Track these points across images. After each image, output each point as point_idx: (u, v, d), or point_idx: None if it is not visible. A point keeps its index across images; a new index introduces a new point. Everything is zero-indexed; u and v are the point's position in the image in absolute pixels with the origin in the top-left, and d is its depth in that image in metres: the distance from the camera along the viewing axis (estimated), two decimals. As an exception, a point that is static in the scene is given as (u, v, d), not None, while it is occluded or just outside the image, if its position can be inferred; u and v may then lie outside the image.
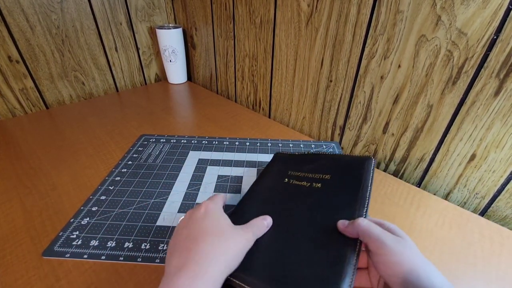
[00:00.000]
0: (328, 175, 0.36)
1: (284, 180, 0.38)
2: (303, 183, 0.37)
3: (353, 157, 0.38)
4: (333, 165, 0.38)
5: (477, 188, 0.45)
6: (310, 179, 0.37)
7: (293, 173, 0.39)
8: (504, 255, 0.37)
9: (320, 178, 0.36)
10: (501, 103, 0.38)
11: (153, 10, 0.86)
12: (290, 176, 0.39)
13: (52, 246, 0.36)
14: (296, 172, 0.39)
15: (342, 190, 0.34)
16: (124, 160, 0.54)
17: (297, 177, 0.38)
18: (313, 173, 0.37)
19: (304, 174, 0.38)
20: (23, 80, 0.69)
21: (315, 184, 0.36)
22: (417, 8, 0.41)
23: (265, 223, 0.31)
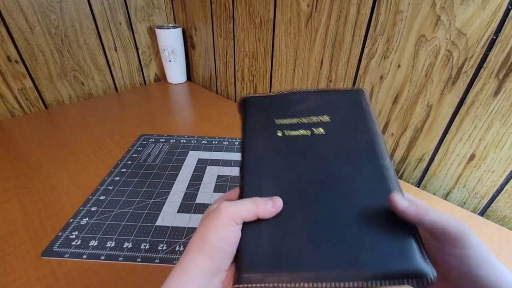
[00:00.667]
0: (326, 116, 0.29)
1: (277, 133, 0.29)
2: (301, 131, 0.29)
3: (342, 91, 0.32)
4: (326, 104, 0.31)
5: (476, 188, 0.45)
6: (307, 125, 0.29)
7: (282, 121, 0.30)
8: (503, 255, 0.37)
9: (318, 121, 0.29)
10: (500, 103, 0.38)
11: (152, 10, 0.86)
12: (281, 126, 0.30)
13: (51, 247, 0.36)
14: (285, 119, 0.30)
15: (351, 132, 0.28)
16: (123, 160, 0.54)
17: (290, 126, 0.30)
18: (306, 117, 0.30)
19: (297, 120, 0.30)
20: (22, 80, 0.69)
21: (316, 129, 0.28)
22: (416, 8, 0.41)
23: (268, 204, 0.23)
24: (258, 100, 0.33)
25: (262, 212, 0.23)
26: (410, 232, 0.21)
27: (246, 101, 0.33)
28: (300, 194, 0.25)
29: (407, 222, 0.21)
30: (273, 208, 0.23)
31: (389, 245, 0.20)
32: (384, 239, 0.21)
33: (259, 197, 0.24)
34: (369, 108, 0.30)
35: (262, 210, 0.23)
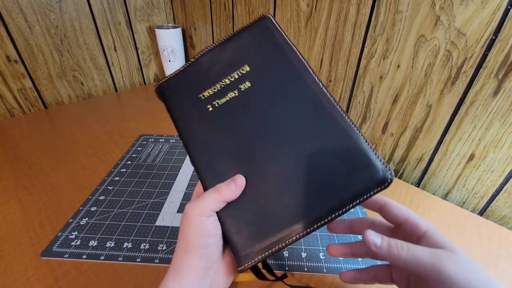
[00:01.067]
0: (246, 66, 0.27)
1: (208, 109, 0.27)
2: (230, 94, 0.26)
3: (246, 29, 0.28)
4: (238, 51, 0.28)
5: (476, 188, 0.45)
6: (232, 85, 0.27)
7: (207, 93, 0.27)
8: (503, 255, 0.37)
9: (240, 75, 0.27)
10: (500, 103, 0.38)
11: (152, 10, 0.86)
12: (208, 99, 0.27)
13: (51, 247, 0.36)
14: (209, 89, 0.27)
15: (275, 72, 0.26)
16: (123, 160, 0.54)
17: (216, 95, 0.27)
18: (227, 76, 0.27)
19: (220, 84, 0.27)
20: (22, 80, 0.68)
21: (242, 85, 0.26)
22: (416, 8, 0.41)
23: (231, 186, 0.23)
24: (172, 83, 0.29)
25: (228, 196, 0.23)
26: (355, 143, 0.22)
27: (161, 89, 0.30)
28: (255, 160, 0.24)
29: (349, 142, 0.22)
30: (237, 188, 0.23)
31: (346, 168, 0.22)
32: (340, 165, 0.22)
33: (221, 183, 0.24)
34: (281, 35, 0.27)
35: (227, 194, 0.23)
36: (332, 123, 0.23)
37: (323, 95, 0.24)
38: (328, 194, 0.22)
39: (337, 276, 0.34)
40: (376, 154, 0.22)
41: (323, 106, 0.24)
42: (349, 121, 0.23)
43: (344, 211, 0.22)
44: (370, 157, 0.21)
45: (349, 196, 0.21)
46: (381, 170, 0.21)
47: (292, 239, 0.22)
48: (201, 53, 0.29)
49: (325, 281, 0.33)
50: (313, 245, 0.37)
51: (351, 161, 0.22)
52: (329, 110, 0.23)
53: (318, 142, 0.23)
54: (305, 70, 0.25)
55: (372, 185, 0.21)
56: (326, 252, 0.30)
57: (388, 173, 0.21)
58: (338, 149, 0.22)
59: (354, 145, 0.22)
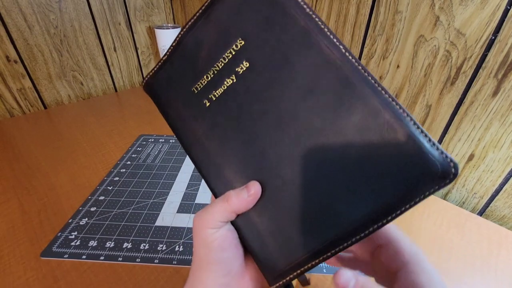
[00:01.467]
0: (238, 40, 0.21)
1: (204, 104, 0.22)
2: (226, 82, 0.21)
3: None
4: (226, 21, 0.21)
5: (475, 188, 0.45)
6: (227, 69, 0.21)
7: (199, 85, 0.22)
8: (502, 255, 0.37)
9: (234, 54, 0.21)
10: (499, 103, 0.38)
11: (152, 10, 0.86)
12: (202, 92, 0.22)
13: (51, 247, 0.36)
14: (201, 80, 0.22)
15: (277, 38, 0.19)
16: (122, 160, 0.54)
17: (211, 85, 0.22)
18: (219, 58, 0.21)
19: (213, 70, 0.22)
20: (21, 80, 0.68)
21: (239, 67, 0.21)
22: (415, 8, 0.41)
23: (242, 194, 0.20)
24: (159, 77, 0.24)
25: (238, 206, 0.19)
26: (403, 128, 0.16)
27: (149, 87, 0.25)
28: (271, 161, 0.20)
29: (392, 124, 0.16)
30: (250, 197, 0.19)
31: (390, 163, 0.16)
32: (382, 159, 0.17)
33: (232, 190, 0.20)
34: None
35: (237, 204, 0.19)
36: (363, 101, 0.17)
37: (345, 62, 0.17)
38: (369, 198, 0.17)
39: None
40: (431, 140, 0.16)
41: (346, 78, 0.17)
42: (387, 96, 0.16)
43: (389, 219, 0.17)
44: (421, 146, 0.16)
45: (395, 199, 0.16)
46: (439, 161, 0.15)
47: (328, 255, 0.18)
48: (182, 33, 0.22)
49: (325, 281, 0.33)
50: (312, 245, 0.38)
51: (396, 152, 0.16)
52: (355, 83, 0.17)
53: (347, 130, 0.17)
54: (314, 29, 0.18)
55: (428, 182, 0.16)
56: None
57: (450, 164, 0.15)
58: (375, 138, 0.17)
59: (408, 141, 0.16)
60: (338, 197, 0.18)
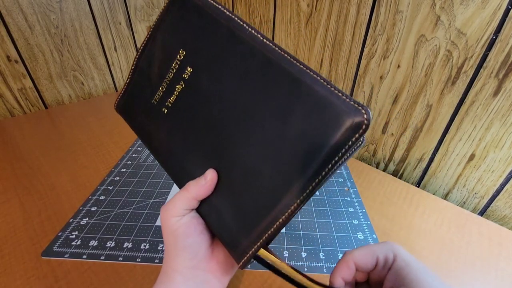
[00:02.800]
0: (180, 51, 0.24)
1: (163, 112, 0.25)
2: (177, 88, 0.24)
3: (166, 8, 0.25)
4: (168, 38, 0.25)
5: (476, 188, 0.45)
6: (176, 78, 0.24)
7: (157, 96, 0.25)
8: (502, 255, 0.37)
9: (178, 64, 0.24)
10: (500, 103, 0.38)
11: (152, 10, 0.86)
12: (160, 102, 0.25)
13: (51, 247, 0.36)
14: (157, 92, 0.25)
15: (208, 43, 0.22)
16: (123, 160, 0.54)
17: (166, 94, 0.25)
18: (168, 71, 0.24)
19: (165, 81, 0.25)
20: (22, 80, 0.68)
21: (185, 73, 0.24)
22: (416, 8, 0.41)
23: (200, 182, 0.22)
24: (124, 100, 0.28)
25: (197, 193, 0.22)
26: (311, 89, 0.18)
27: (119, 109, 0.29)
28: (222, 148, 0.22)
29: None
30: (207, 183, 0.21)
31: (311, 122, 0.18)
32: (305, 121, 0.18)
33: (191, 181, 0.22)
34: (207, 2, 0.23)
35: (196, 190, 0.21)
36: (282, 74, 0.19)
37: (264, 47, 0.20)
38: (303, 161, 0.18)
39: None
40: (343, 94, 0.17)
41: (267, 59, 0.20)
42: (301, 65, 0.19)
43: (324, 174, 0.18)
44: (332, 100, 0.17)
45: (323, 155, 0.18)
46: (351, 111, 0.17)
47: (280, 222, 0.19)
48: (136, 57, 0.26)
49: (325, 280, 0.33)
50: (313, 245, 0.37)
51: (314, 111, 0.18)
52: (275, 62, 0.19)
53: (275, 102, 0.19)
54: (235, 27, 0.21)
55: (346, 132, 0.17)
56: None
57: (361, 112, 0.17)
58: (296, 103, 0.19)
59: (310, 91, 0.18)
60: (280, 167, 0.19)
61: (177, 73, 0.24)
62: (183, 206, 0.22)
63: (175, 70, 0.24)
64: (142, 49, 0.26)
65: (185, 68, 0.24)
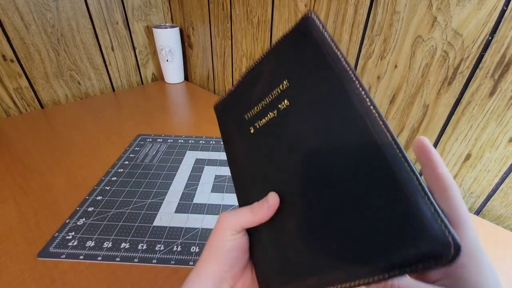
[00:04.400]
0: (285, 81, 0.23)
1: (250, 131, 0.26)
2: (269, 115, 0.24)
3: (288, 35, 0.24)
4: (278, 65, 0.24)
5: (472, 187, 0.45)
6: (272, 104, 0.24)
7: (250, 114, 0.26)
8: (498, 254, 0.37)
9: (279, 93, 0.24)
10: (496, 103, 0.39)
11: (149, 9, 0.86)
12: (251, 120, 0.26)
13: (48, 247, 0.36)
14: (252, 110, 0.26)
15: (315, 85, 0.21)
16: (120, 160, 0.53)
17: (258, 115, 0.25)
18: (268, 94, 0.24)
19: (261, 104, 0.25)
20: (18, 79, 0.68)
21: (281, 104, 0.23)
22: (413, 9, 0.41)
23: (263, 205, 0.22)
24: (224, 104, 0.29)
25: (259, 217, 0.22)
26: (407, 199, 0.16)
27: (216, 111, 0.30)
28: (287, 194, 0.22)
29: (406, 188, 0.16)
30: (268, 209, 0.22)
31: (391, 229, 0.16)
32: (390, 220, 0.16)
33: (256, 203, 0.23)
34: (323, 37, 0.21)
35: (259, 214, 0.22)
36: (380, 164, 0.17)
37: (372, 120, 0.18)
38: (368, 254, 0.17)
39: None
40: (438, 215, 0.15)
41: (370, 136, 0.18)
42: (406, 164, 0.16)
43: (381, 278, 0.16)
44: (423, 222, 0.15)
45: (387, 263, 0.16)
46: (439, 238, 0.14)
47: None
48: (246, 72, 0.27)
49: None
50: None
51: (400, 221, 0.16)
52: (378, 144, 0.17)
53: (361, 186, 0.18)
54: (347, 80, 0.19)
55: (422, 257, 0.15)
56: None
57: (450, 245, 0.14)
58: (385, 204, 0.16)
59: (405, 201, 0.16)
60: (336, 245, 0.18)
61: (274, 100, 0.24)
62: (243, 223, 0.23)
63: (274, 97, 0.24)
64: (254, 66, 0.26)
65: (283, 99, 0.23)
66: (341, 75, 0.20)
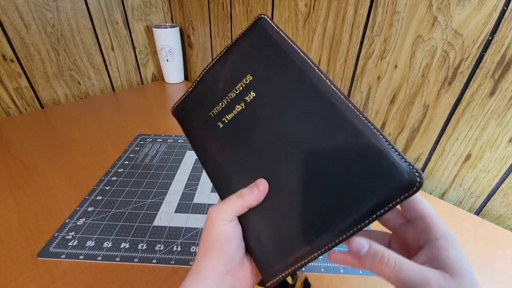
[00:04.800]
0: (248, 76, 0.25)
1: (218, 125, 0.27)
2: (237, 108, 0.26)
3: (243, 35, 0.27)
4: (239, 62, 0.26)
5: (472, 187, 0.45)
6: (238, 98, 0.26)
7: (215, 110, 0.27)
8: (498, 254, 0.37)
9: (244, 86, 0.26)
10: (496, 103, 0.39)
11: (149, 9, 0.86)
12: (217, 116, 0.27)
13: (48, 247, 0.36)
14: (216, 106, 0.27)
15: (279, 77, 0.24)
16: (120, 160, 0.53)
17: (224, 110, 0.26)
18: (232, 90, 0.26)
19: (226, 99, 0.26)
20: (18, 79, 0.68)
21: (247, 96, 0.25)
22: (413, 9, 0.41)
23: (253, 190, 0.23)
24: (183, 106, 0.30)
25: (250, 201, 0.23)
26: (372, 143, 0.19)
27: (176, 113, 0.30)
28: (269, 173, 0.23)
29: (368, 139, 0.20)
30: (260, 193, 0.22)
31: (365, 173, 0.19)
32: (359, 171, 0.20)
33: (243, 189, 0.23)
34: (278, 34, 0.25)
35: (250, 199, 0.23)
36: (344, 122, 0.21)
37: (331, 92, 0.22)
38: (348, 205, 0.20)
39: (335, 275, 0.34)
40: (400, 154, 0.19)
41: (332, 105, 0.21)
42: (364, 119, 0.20)
43: (366, 223, 0.19)
44: (390, 158, 0.19)
45: (370, 205, 0.19)
46: (406, 172, 0.18)
47: (315, 255, 0.21)
48: (205, 71, 0.28)
49: (322, 280, 0.33)
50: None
51: (370, 164, 0.19)
52: (339, 109, 0.21)
53: (332, 146, 0.21)
54: (307, 68, 0.23)
55: (397, 191, 0.18)
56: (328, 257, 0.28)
57: (416, 175, 0.18)
58: (353, 152, 0.20)
59: (370, 145, 0.19)
60: (324, 206, 0.21)
61: (240, 94, 0.26)
62: (234, 211, 0.23)
63: (239, 91, 0.26)
64: (211, 65, 0.28)
65: (248, 92, 0.25)
66: (302, 64, 0.23)
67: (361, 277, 0.34)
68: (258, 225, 0.23)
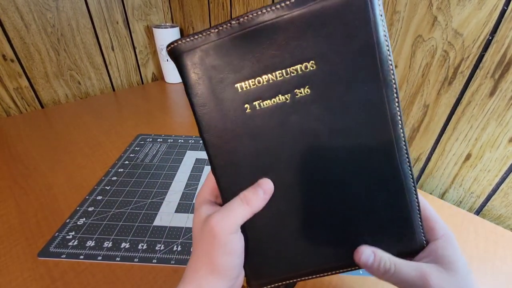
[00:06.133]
0: (310, 62, 0.18)
1: (245, 108, 0.19)
2: (279, 98, 0.18)
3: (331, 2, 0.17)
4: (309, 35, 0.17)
5: (472, 187, 0.45)
6: (286, 85, 0.18)
7: (246, 85, 0.19)
8: (498, 254, 0.37)
9: (300, 73, 0.18)
10: (496, 103, 0.39)
11: (149, 9, 0.86)
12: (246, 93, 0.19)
13: (48, 247, 0.36)
14: (249, 81, 0.18)
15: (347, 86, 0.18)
16: (120, 160, 0.53)
17: (260, 91, 0.19)
18: (280, 70, 0.18)
19: (269, 76, 0.18)
20: (18, 79, 0.68)
21: (298, 90, 0.18)
22: (413, 8, 0.41)
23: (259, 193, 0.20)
24: (195, 48, 0.18)
25: (256, 205, 0.20)
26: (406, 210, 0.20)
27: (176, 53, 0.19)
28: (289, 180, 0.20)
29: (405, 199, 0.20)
30: (265, 194, 0.20)
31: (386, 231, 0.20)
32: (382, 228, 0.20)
33: (245, 191, 0.20)
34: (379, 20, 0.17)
35: (256, 203, 0.20)
36: (396, 183, 0.19)
37: (398, 143, 0.19)
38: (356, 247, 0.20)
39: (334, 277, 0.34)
40: (420, 221, 0.20)
41: (393, 158, 0.19)
42: (412, 182, 0.20)
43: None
44: (413, 229, 0.20)
45: None
46: (419, 241, 0.20)
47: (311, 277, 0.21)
48: (252, 15, 0.18)
49: (322, 280, 0.33)
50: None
51: (394, 225, 0.20)
52: (397, 164, 0.19)
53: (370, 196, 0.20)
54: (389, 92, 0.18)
55: (405, 252, 0.20)
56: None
57: (423, 240, 0.20)
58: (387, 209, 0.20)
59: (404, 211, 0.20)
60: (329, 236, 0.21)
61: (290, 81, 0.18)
62: (239, 221, 0.19)
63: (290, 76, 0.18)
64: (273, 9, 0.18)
65: (303, 84, 0.18)
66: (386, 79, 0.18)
67: (361, 277, 0.34)
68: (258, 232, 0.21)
